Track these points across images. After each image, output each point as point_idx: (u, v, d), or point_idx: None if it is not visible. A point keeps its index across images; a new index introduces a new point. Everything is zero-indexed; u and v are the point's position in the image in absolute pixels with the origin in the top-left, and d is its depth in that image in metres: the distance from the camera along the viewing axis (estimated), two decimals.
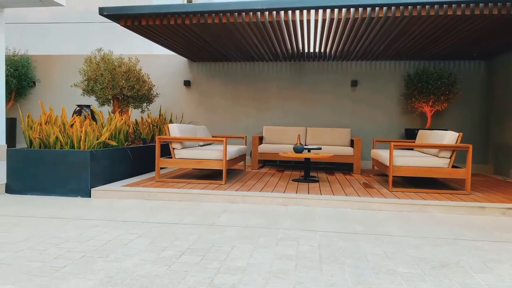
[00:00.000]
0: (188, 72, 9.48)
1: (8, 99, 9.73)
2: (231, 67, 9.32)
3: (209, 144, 7.49)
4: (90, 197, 5.17)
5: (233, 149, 6.41)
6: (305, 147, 6.45)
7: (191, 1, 14.17)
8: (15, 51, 10.34)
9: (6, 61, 9.39)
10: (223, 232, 3.61)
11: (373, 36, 6.66)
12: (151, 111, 9.65)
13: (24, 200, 4.92)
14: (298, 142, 6.43)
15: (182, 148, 6.04)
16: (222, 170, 6.70)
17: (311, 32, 6.88)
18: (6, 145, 8.12)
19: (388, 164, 5.65)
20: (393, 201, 4.78)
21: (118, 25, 7.43)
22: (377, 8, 5.43)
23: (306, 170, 6.44)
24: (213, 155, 5.88)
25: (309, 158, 6.41)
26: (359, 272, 2.66)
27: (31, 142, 5.40)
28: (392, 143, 5.46)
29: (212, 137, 7.69)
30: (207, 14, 5.86)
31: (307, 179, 6.35)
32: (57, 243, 3.18)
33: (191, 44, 7.54)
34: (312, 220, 4.14)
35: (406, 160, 5.52)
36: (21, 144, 9.93)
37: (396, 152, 6.07)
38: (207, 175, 6.73)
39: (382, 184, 6.17)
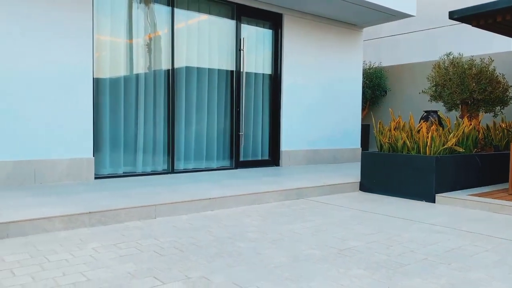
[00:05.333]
0: None
1: (363, 108, 11.05)
2: None
3: None
4: (434, 202, 5.18)
5: None
6: None
7: None
8: (370, 64, 11.63)
9: (362, 74, 10.71)
10: None
11: None
12: (506, 115, 8.61)
13: (373, 198, 5.48)
14: None
15: None
16: None
17: None
18: (360, 148, 9.27)
19: None
20: None
21: (468, 25, 7.07)
22: None
23: None
24: None
25: None
26: None
27: (381, 146, 5.95)
28: None
29: None
30: None
31: None
32: (401, 241, 3.39)
33: None
34: None
35: None
36: (372, 147, 11.05)
37: None
38: None
39: None
